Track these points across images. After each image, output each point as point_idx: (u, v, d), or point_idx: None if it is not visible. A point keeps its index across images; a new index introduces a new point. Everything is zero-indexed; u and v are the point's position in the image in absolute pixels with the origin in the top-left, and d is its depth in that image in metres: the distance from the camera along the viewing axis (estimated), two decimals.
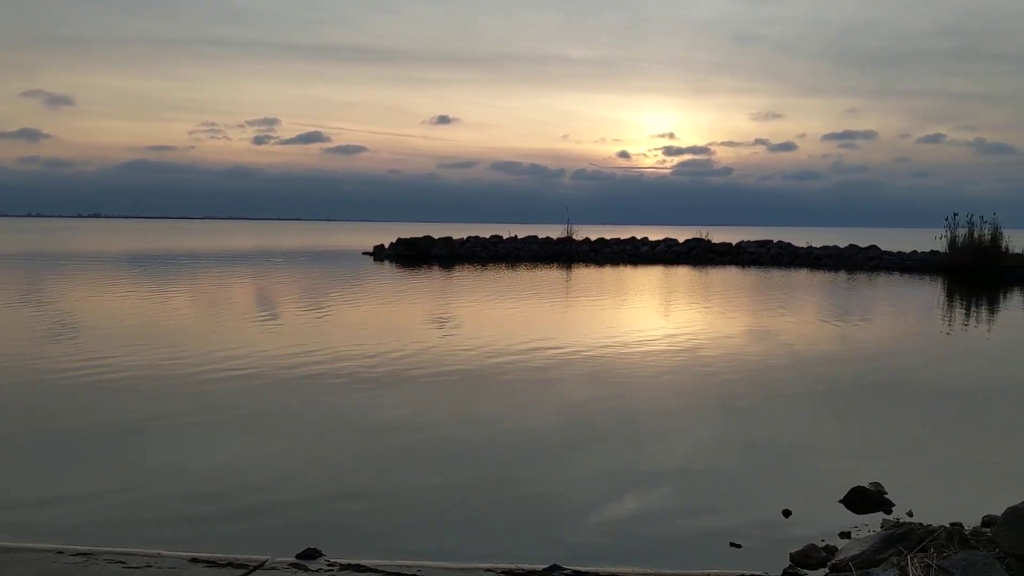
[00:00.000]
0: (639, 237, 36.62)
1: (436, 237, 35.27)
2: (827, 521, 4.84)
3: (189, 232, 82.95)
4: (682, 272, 27.45)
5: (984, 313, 17.00)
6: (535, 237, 35.82)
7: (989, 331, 14.09)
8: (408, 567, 4.10)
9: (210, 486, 5.40)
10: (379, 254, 35.01)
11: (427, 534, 4.66)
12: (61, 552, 4.12)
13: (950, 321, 15.23)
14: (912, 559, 3.49)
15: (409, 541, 4.54)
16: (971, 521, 4.55)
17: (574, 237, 35.54)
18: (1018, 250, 27.38)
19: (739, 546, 4.49)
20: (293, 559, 4.18)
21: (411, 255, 33.72)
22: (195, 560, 4.11)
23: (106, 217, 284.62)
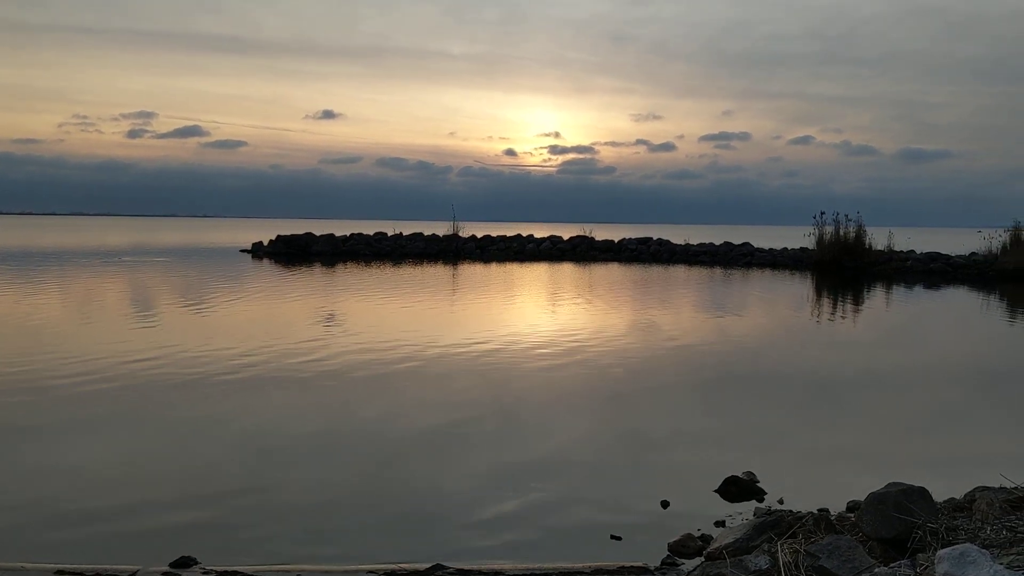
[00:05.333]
0: (525, 234, 36.89)
1: (318, 234, 34.51)
2: (703, 511, 4.98)
3: (56, 228, 78.64)
4: (567, 269, 27.80)
5: (849, 306, 17.87)
6: (421, 234, 35.53)
7: (854, 323, 14.83)
8: (287, 571, 3.99)
9: (77, 494, 5.13)
10: (258, 251, 33.97)
11: (307, 536, 4.55)
12: None
13: (817, 314, 15.95)
14: (782, 545, 3.60)
15: (288, 544, 4.42)
16: (837, 507, 4.77)
17: (460, 234, 35.44)
18: (880, 246, 28.98)
19: (619, 538, 4.56)
20: (166, 568, 4.03)
21: (292, 252, 32.90)
22: (60, 572, 3.94)
23: None
